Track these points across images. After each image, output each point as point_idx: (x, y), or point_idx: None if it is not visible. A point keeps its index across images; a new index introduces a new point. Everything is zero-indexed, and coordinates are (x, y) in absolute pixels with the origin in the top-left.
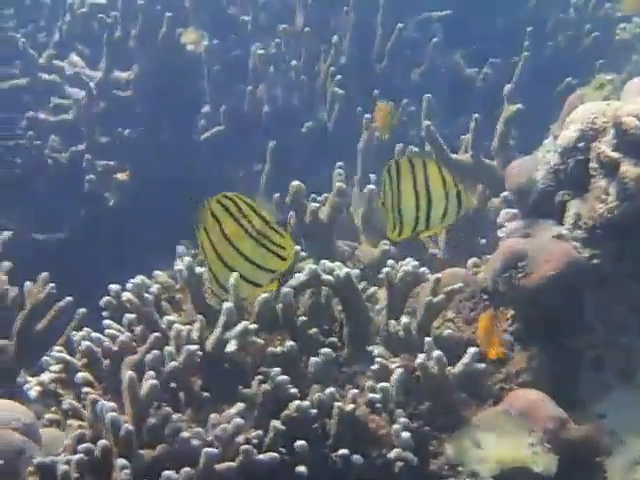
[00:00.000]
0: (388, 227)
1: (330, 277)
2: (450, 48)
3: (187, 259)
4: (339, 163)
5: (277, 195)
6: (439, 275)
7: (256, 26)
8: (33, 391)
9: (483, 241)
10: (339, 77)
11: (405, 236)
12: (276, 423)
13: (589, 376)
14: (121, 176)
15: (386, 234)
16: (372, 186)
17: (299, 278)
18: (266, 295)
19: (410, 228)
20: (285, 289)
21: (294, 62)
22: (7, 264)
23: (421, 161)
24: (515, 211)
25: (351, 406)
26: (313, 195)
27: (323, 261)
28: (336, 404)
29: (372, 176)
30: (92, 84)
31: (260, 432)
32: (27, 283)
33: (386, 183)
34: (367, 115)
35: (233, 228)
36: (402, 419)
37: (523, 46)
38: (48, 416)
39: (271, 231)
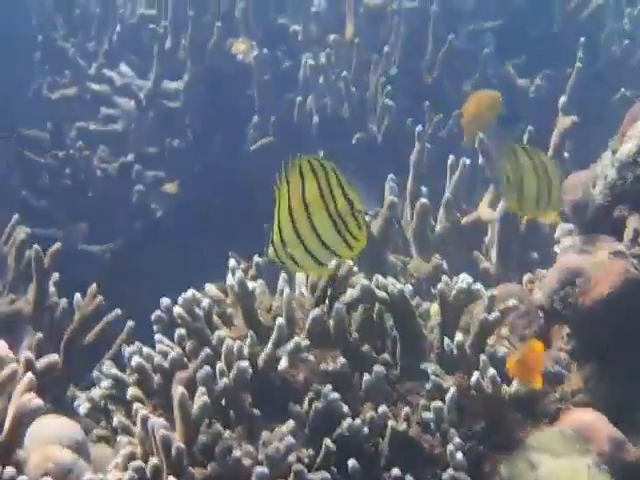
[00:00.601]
0: (507, 198)
1: (384, 293)
2: (502, 58)
3: (239, 274)
4: (391, 175)
5: None
6: (494, 292)
7: (306, 36)
8: (83, 407)
9: (535, 255)
10: (389, 88)
11: (526, 212)
12: (328, 442)
13: None
14: (170, 187)
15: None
16: (425, 200)
17: (352, 294)
18: (318, 311)
19: (532, 203)
20: (337, 305)
21: (344, 73)
22: (56, 275)
23: (539, 151)
24: (571, 226)
25: (404, 425)
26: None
27: (376, 276)
28: (389, 423)
29: (424, 189)
30: (141, 94)
31: (311, 451)
32: (76, 295)
33: (508, 161)
34: (419, 127)
35: (315, 198)
36: (456, 439)
37: (576, 57)
38: (97, 432)
39: (351, 217)
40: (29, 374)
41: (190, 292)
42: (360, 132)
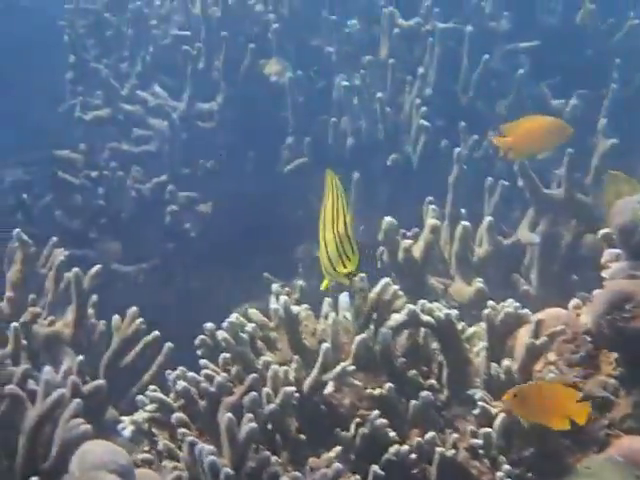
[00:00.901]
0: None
1: (430, 318)
2: (537, 79)
3: (283, 298)
4: (430, 198)
5: (362, 228)
6: (541, 317)
7: (340, 57)
8: (127, 431)
9: (575, 277)
10: (424, 109)
11: None
12: (375, 468)
13: None
14: (203, 207)
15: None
16: (466, 223)
17: (397, 318)
18: (364, 336)
19: None
20: (383, 330)
21: (379, 94)
22: (94, 297)
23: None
24: (619, 251)
25: (452, 451)
26: (402, 230)
27: (421, 301)
28: (437, 449)
29: (463, 211)
30: (175, 115)
31: (358, 477)
32: (115, 317)
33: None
34: (457, 149)
35: (329, 214)
36: (505, 466)
37: (611, 78)
38: (141, 456)
39: (346, 240)
40: (77, 399)
41: (234, 316)
42: (395, 153)
